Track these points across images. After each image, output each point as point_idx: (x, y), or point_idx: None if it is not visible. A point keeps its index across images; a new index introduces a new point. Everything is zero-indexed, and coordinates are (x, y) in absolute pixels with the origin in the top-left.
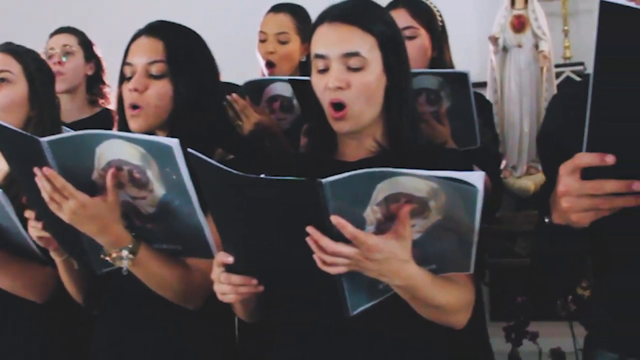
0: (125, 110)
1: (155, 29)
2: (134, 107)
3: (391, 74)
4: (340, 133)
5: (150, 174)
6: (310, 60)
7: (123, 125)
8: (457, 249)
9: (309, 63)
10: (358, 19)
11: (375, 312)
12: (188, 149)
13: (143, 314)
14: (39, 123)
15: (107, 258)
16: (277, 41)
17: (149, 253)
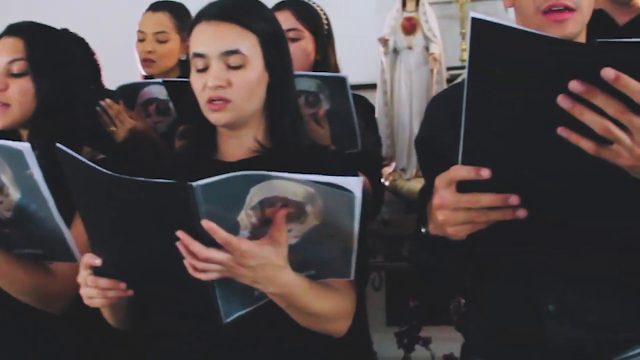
0: None
1: (15, 29)
2: None
3: (273, 72)
4: (219, 125)
5: (4, 178)
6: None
7: None
8: (337, 255)
9: (189, 62)
10: (237, 17)
11: (251, 319)
12: (56, 144)
13: (8, 316)
14: None
15: None
16: (156, 40)
17: (3, 257)
